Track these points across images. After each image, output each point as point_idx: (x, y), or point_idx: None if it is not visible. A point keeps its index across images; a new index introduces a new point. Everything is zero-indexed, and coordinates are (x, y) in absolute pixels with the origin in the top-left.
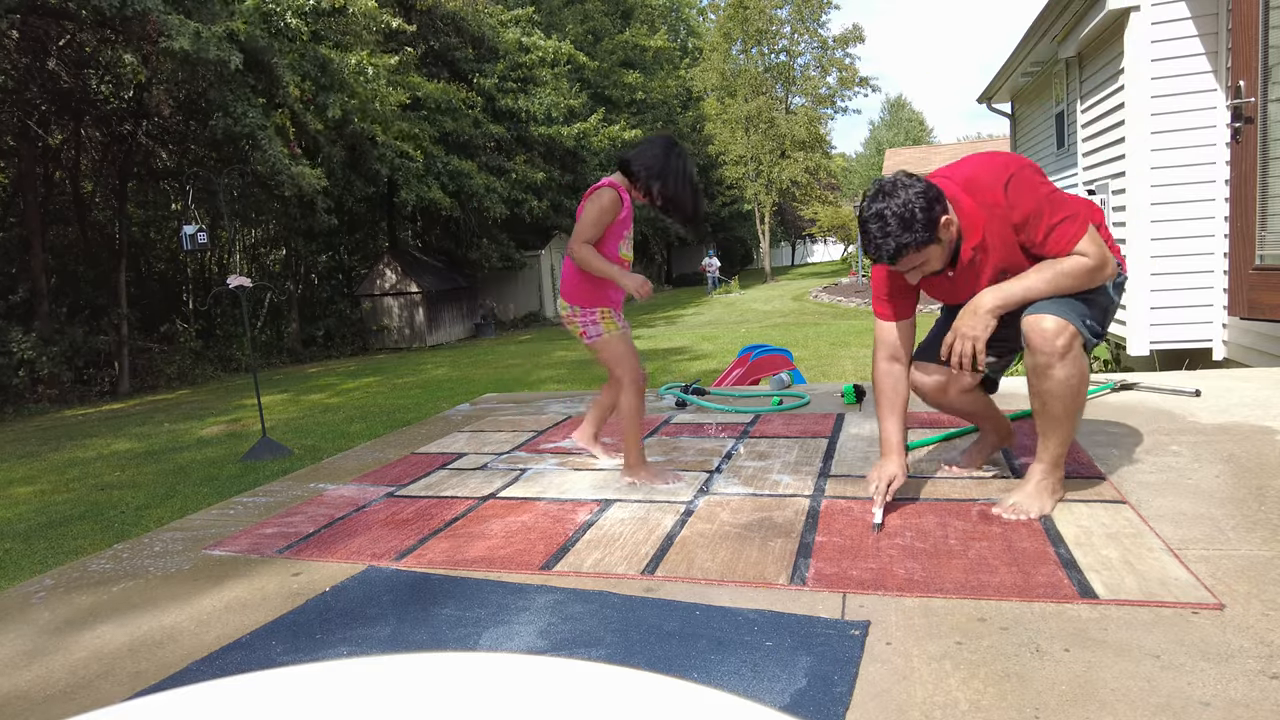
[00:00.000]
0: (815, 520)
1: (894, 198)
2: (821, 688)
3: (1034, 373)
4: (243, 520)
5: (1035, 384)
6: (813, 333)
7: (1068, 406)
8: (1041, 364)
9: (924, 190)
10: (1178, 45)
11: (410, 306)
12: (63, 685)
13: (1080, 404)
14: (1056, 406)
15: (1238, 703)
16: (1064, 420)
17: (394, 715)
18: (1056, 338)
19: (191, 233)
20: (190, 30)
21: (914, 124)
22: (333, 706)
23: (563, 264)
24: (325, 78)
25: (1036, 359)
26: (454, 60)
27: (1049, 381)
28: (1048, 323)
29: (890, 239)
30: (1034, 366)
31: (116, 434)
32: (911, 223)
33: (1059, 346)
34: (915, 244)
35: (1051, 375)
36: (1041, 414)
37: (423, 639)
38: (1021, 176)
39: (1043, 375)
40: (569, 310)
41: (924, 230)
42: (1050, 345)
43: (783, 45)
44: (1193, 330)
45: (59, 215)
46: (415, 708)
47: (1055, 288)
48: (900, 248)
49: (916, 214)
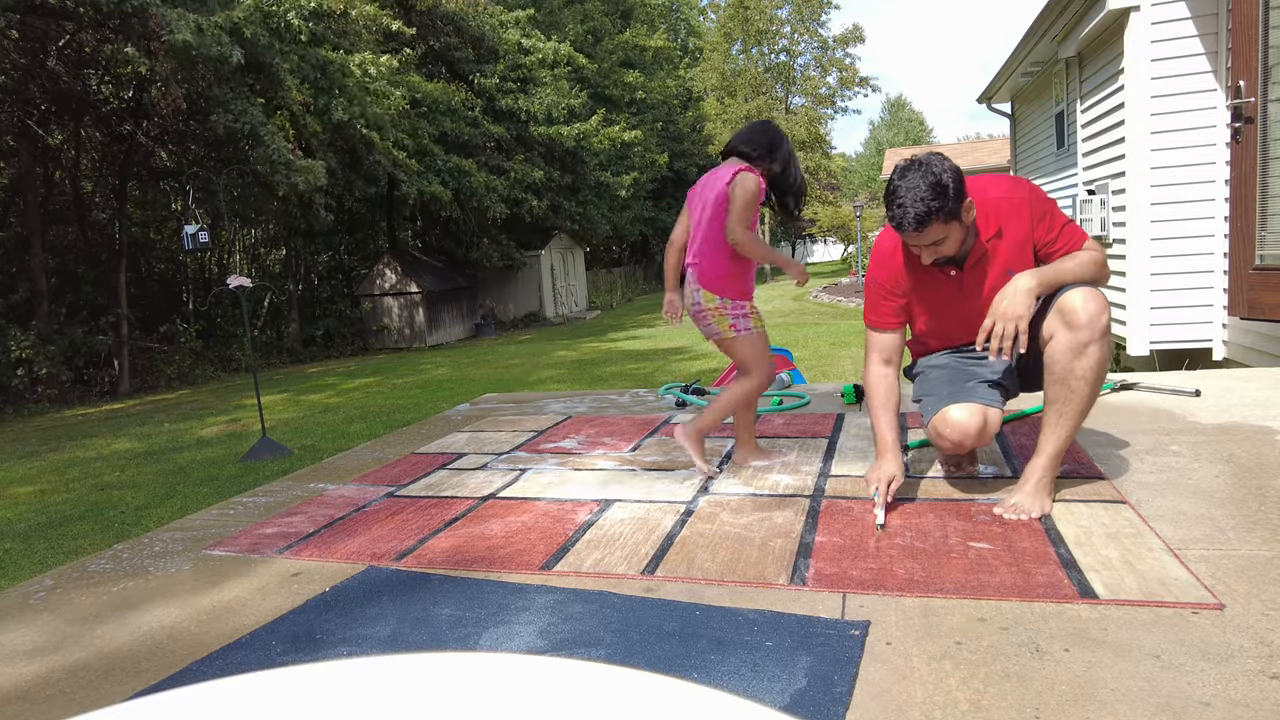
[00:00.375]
0: (815, 520)
1: (930, 168)
2: (821, 688)
3: (1070, 352)
4: (243, 520)
5: (1067, 365)
6: (813, 332)
7: (1092, 393)
8: (1083, 339)
9: (955, 169)
10: (1178, 45)
11: (410, 306)
12: (63, 685)
13: (1098, 392)
14: (1082, 390)
15: (1238, 702)
16: (1081, 409)
17: (394, 715)
18: (1101, 315)
19: (192, 232)
20: (190, 23)
21: (914, 124)
22: (333, 706)
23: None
24: (325, 80)
25: (1079, 335)
26: (453, 60)
27: (1085, 360)
28: (1090, 300)
29: (922, 203)
30: (1072, 345)
31: (116, 434)
32: (944, 191)
33: (1103, 325)
34: (943, 212)
35: (1089, 354)
36: (1062, 402)
37: (423, 639)
38: (1037, 188)
39: (1080, 353)
40: (716, 303)
41: (954, 200)
42: (1096, 322)
43: (783, 45)
44: (1193, 330)
45: (59, 215)
46: (415, 708)
47: (1081, 274)
48: (929, 212)
49: (949, 184)
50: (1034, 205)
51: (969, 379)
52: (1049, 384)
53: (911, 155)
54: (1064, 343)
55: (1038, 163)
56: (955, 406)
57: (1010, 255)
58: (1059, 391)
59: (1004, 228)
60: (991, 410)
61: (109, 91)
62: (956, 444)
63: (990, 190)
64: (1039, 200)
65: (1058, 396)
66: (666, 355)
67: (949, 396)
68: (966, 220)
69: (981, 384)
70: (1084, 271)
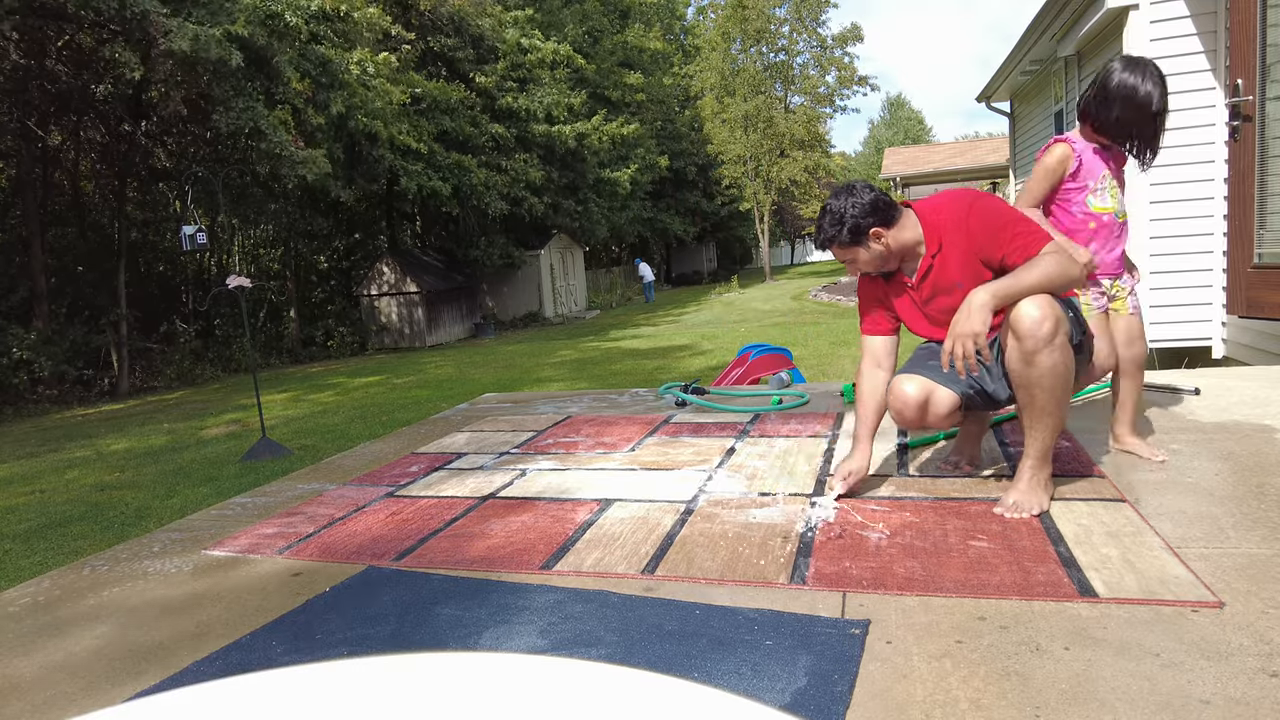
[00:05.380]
0: (815, 520)
1: (838, 200)
2: (822, 687)
3: (1020, 360)
4: (243, 520)
5: (1021, 373)
6: (812, 332)
7: (1055, 397)
8: (1029, 349)
9: (867, 203)
10: (1176, 44)
11: (410, 306)
12: (63, 686)
13: (1067, 395)
14: (1043, 397)
15: (1237, 700)
16: (1051, 411)
17: (394, 715)
18: (1043, 323)
19: (191, 233)
20: (189, 33)
21: (913, 123)
22: (333, 706)
23: None
24: (326, 76)
25: (1024, 345)
26: (453, 60)
27: (1035, 369)
28: (1033, 309)
29: (823, 230)
30: (1021, 354)
31: (116, 434)
32: (841, 223)
33: (1046, 332)
34: (838, 241)
35: (1038, 362)
36: (1029, 407)
37: (423, 639)
38: (985, 200)
39: (1029, 362)
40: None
41: (849, 234)
42: (1038, 330)
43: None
44: (1192, 329)
45: (58, 216)
46: (415, 708)
47: (1037, 282)
48: (830, 239)
49: (847, 219)
50: (977, 219)
51: (932, 358)
52: (1015, 391)
53: (848, 183)
54: (1013, 353)
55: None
56: (904, 378)
57: (958, 268)
58: (1024, 397)
59: (945, 243)
60: (940, 390)
61: (108, 91)
62: (898, 413)
63: (937, 210)
64: (983, 213)
65: (1025, 402)
66: (668, 354)
67: (904, 370)
68: (875, 247)
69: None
70: (1040, 279)
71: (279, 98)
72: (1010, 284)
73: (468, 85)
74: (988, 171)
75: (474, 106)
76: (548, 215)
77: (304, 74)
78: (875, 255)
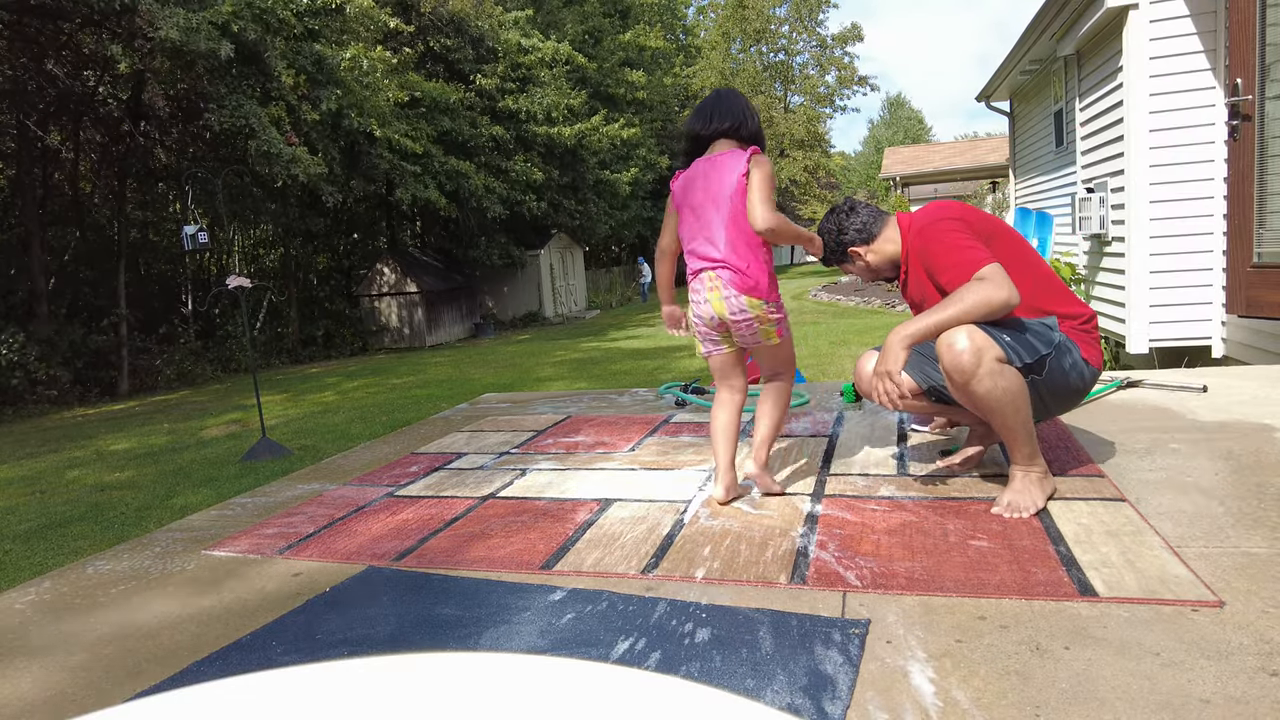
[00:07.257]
0: (815, 519)
1: (828, 220)
2: (822, 687)
3: (958, 391)
4: (243, 520)
5: (966, 401)
6: (812, 331)
7: (1010, 417)
8: (959, 383)
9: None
10: (1176, 43)
11: (409, 306)
12: (63, 686)
13: (1025, 407)
14: (999, 418)
15: (1237, 700)
16: (1015, 425)
17: (394, 715)
18: (961, 355)
19: (192, 232)
20: (178, 20)
21: (913, 122)
22: (333, 706)
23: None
24: (321, 74)
25: (953, 379)
26: (453, 60)
27: (975, 396)
28: (951, 343)
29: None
30: (955, 387)
31: (116, 434)
32: (825, 243)
33: (966, 364)
34: (827, 260)
35: (973, 390)
36: (992, 425)
37: (423, 639)
38: (940, 225)
39: (965, 392)
40: (763, 308)
41: (832, 254)
42: (958, 362)
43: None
44: (1192, 328)
45: (58, 216)
46: (415, 708)
47: (958, 313)
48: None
49: (829, 240)
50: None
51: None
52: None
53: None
54: (950, 387)
55: (1036, 161)
56: (872, 352)
57: (919, 285)
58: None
59: (910, 260)
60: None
61: (107, 91)
62: (857, 381)
63: (909, 228)
64: (928, 239)
65: (988, 421)
66: (667, 353)
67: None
68: (858, 263)
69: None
70: (957, 312)
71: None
72: (928, 321)
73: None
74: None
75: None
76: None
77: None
78: (860, 269)
